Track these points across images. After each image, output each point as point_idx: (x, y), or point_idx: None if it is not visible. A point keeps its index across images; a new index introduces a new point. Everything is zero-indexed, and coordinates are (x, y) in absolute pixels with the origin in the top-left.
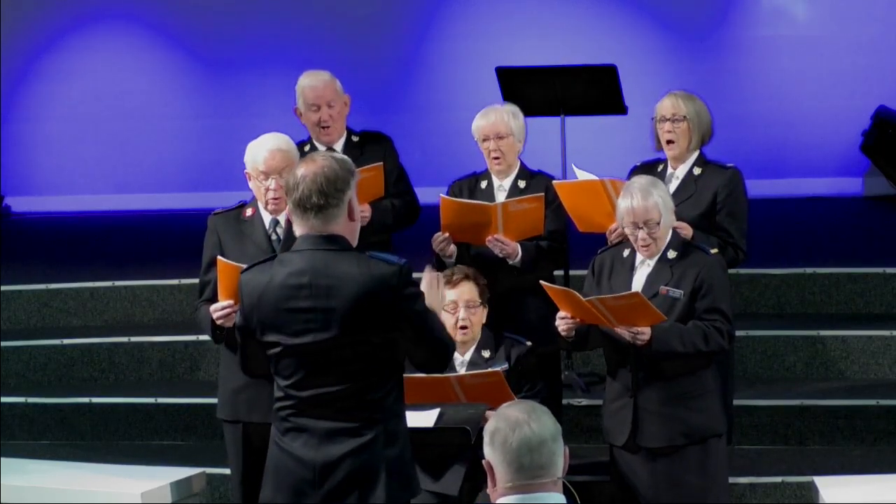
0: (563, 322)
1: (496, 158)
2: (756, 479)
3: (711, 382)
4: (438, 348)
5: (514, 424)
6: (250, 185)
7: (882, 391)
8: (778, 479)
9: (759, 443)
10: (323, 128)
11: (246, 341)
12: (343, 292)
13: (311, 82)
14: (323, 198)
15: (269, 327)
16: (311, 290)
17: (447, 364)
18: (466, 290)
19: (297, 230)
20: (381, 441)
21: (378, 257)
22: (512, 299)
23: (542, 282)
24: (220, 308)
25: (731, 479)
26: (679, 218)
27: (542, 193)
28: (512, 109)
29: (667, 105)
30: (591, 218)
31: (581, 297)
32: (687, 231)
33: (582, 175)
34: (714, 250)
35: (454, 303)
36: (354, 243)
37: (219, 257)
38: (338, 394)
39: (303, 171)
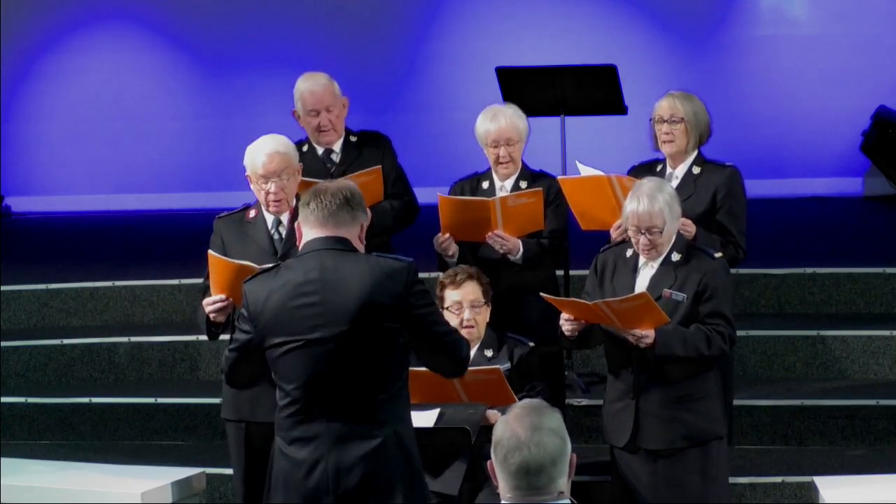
0: (567, 323)
1: (504, 163)
2: (756, 479)
3: (713, 385)
4: (451, 350)
5: (515, 445)
6: (251, 187)
7: (882, 391)
8: (778, 479)
9: (759, 443)
10: (322, 132)
11: (244, 350)
12: (353, 286)
13: (310, 87)
14: (344, 202)
15: (276, 328)
16: (320, 285)
17: (463, 369)
18: (471, 290)
19: (308, 234)
20: (392, 445)
21: (386, 256)
22: (513, 298)
23: (543, 294)
24: (212, 302)
25: (732, 479)
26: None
27: (541, 188)
28: (517, 112)
29: (664, 106)
30: (594, 214)
31: (584, 303)
32: (690, 228)
33: (585, 171)
34: (718, 254)
35: (458, 303)
36: None
37: (209, 251)
38: (346, 394)
39: (328, 182)
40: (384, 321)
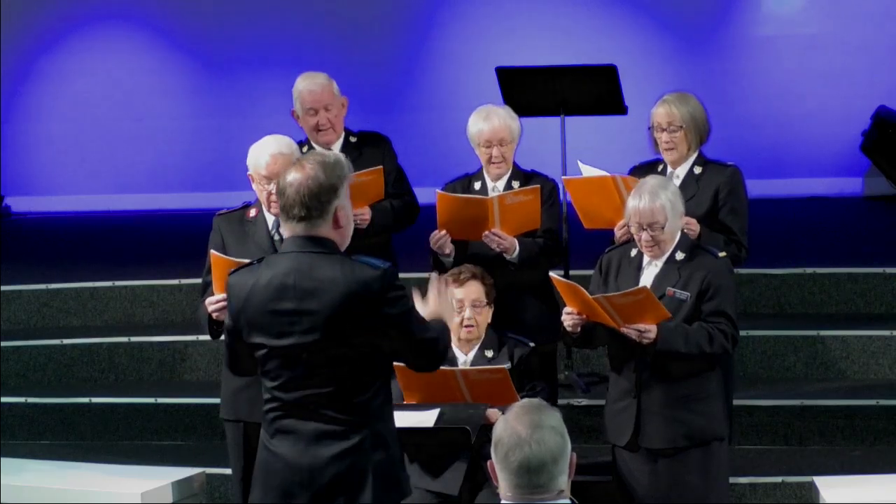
0: (569, 317)
1: (497, 163)
2: (756, 479)
3: (715, 385)
4: (425, 350)
5: (516, 442)
6: (253, 186)
7: (882, 391)
8: (778, 479)
9: (759, 443)
10: (320, 131)
11: (234, 341)
12: (326, 295)
13: (309, 86)
14: (304, 210)
15: (254, 329)
16: (294, 293)
17: (438, 364)
18: (473, 290)
19: (285, 232)
20: (367, 444)
21: (363, 261)
22: (509, 297)
23: (551, 274)
24: (215, 301)
25: (732, 480)
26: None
27: (538, 186)
28: (509, 112)
29: (661, 114)
30: (598, 214)
31: (586, 293)
32: (694, 227)
33: (587, 171)
34: (722, 254)
35: (460, 301)
36: (343, 248)
37: (212, 251)
38: (323, 396)
39: (290, 177)
40: (357, 329)
